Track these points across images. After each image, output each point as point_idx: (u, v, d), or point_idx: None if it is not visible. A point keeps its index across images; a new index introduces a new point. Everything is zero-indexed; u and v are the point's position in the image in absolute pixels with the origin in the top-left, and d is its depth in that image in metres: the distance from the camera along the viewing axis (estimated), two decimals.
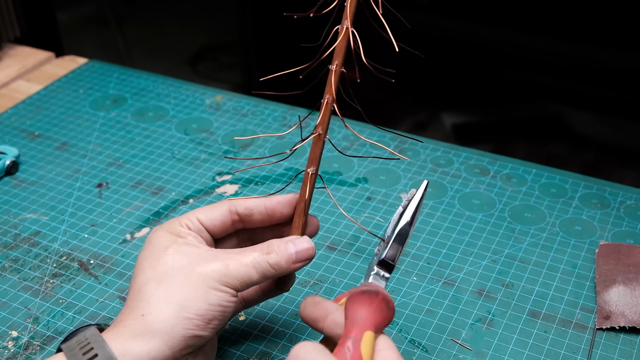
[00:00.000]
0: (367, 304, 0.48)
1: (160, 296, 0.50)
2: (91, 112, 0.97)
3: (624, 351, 0.61)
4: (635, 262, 0.68)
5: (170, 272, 0.51)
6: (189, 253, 0.52)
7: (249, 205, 0.55)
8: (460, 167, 0.84)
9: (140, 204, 0.80)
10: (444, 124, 1.55)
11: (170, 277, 0.50)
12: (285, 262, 0.52)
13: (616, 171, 1.49)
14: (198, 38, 1.97)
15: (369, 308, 0.47)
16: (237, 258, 0.51)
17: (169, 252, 0.52)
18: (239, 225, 0.56)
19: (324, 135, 0.54)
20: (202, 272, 0.50)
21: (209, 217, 0.55)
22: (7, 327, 0.64)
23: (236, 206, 0.56)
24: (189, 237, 0.54)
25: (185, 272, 0.50)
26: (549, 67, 1.47)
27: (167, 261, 0.51)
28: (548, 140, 1.57)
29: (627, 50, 1.34)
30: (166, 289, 0.50)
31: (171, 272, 0.51)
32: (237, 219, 0.56)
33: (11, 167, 0.84)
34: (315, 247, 0.54)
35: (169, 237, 0.53)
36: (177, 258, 0.51)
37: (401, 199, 0.79)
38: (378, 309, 0.48)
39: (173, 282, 0.50)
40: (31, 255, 0.73)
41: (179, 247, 0.52)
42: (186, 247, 0.53)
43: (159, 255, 0.52)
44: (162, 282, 0.50)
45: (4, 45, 1.10)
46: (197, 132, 0.92)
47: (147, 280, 0.51)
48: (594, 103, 1.47)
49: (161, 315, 0.49)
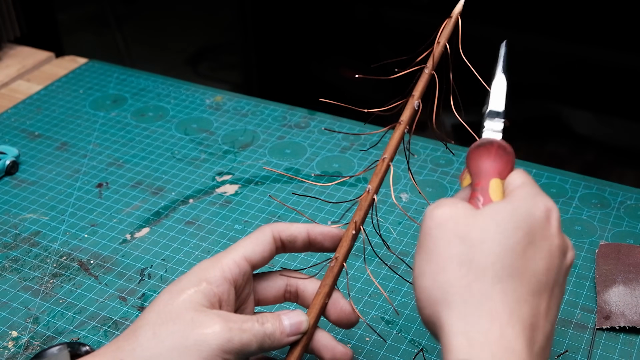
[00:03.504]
0: (485, 154, 0.49)
1: (148, 349, 0.46)
2: (91, 112, 0.97)
3: (624, 351, 0.61)
4: (635, 262, 0.68)
5: (171, 324, 0.47)
6: (200, 304, 0.48)
7: (293, 232, 0.54)
8: (460, 167, 0.84)
9: (140, 204, 0.80)
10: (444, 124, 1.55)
11: (168, 327, 0.47)
12: (280, 333, 0.50)
13: (616, 171, 1.49)
14: (198, 38, 1.97)
15: (487, 158, 0.48)
16: (239, 322, 0.48)
17: (184, 296, 0.49)
18: (280, 252, 0.54)
19: (359, 227, 0.54)
20: (202, 335, 0.46)
21: (256, 251, 0.52)
22: (7, 327, 0.64)
23: (280, 232, 0.53)
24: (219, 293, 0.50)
25: (183, 324, 0.47)
26: (549, 67, 1.47)
27: (175, 308, 0.48)
28: (548, 140, 1.56)
29: (627, 50, 1.34)
30: (158, 345, 0.46)
31: (171, 325, 0.47)
32: (280, 245, 0.54)
33: (11, 167, 0.84)
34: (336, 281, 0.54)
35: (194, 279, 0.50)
36: (188, 305, 0.48)
37: (401, 199, 0.79)
38: (497, 156, 0.48)
39: (167, 338, 0.46)
40: (31, 255, 0.73)
41: (196, 293, 0.49)
42: (203, 296, 0.49)
43: (175, 296, 0.49)
44: (158, 335, 0.47)
45: (4, 45, 1.10)
46: (197, 132, 0.92)
47: (146, 323, 0.48)
48: (594, 103, 1.47)
49: None
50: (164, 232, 0.75)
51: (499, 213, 0.43)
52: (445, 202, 0.45)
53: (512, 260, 0.42)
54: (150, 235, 0.75)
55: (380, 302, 0.66)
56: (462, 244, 0.42)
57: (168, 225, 0.76)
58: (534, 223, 0.43)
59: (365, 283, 0.68)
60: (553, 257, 0.43)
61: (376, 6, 1.54)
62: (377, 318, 0.65)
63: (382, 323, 0.64)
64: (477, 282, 0.41)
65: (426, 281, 0.42)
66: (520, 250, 0.42)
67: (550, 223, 0.44)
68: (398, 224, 0.76)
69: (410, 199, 0.79)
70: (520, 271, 0.42)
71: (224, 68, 1.96)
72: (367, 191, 0.55)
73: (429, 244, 0.43)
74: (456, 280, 0.41)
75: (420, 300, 0.43)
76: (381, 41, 1.38)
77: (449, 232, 0.43)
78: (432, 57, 0.53)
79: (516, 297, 0.41)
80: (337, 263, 0.53)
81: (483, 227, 0.43)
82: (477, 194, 0.47)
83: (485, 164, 0.48)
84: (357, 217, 0.54)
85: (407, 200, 0.79)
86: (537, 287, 0.42)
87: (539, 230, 0.43)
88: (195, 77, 1.88)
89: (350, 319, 0.54)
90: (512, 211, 0.43)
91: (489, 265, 0.41)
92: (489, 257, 0.41)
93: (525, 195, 0.45)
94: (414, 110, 0.54)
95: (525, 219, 0.43)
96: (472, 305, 0.41)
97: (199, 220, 0.77)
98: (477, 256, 0.41)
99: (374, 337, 0.63)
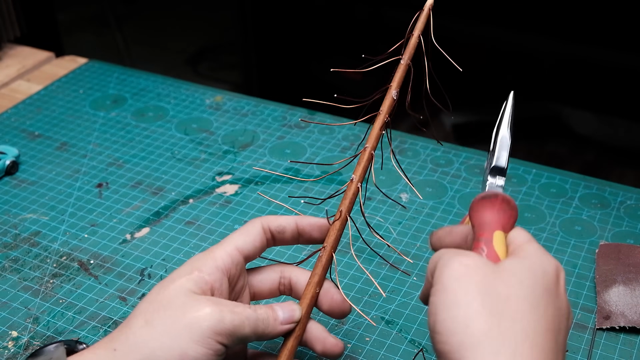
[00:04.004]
0: (489, 207, 0.49)
1: (140, 335, 0.47)
2: (91, 112, 0.97)
3: (624, 351, 0.61)
4: (635, 262, 0.68)
5: (162, 311, 0.48)
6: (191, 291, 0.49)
7: (281, 222, 0.55)
8: (460, 167, 0.84)
9: (140, 204, 0.80)
10: (444, 124, 1.55)
11: (160, 315, 0.48)
12: (273, 320, 0.51)
13: (616, 171, 1.49)
14: (198, 38, 1.97)
15: (492, 210, 0.49)
16: (230, 306, 0.49)
17: (175, 284, 0.50)
18: (270, 244, 0.55)
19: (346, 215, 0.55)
20: (193, 318, 0.47)
21: (247, 242, 0.53)
22: (7, 327, 0.64)
23: (269, 224, 0.55)
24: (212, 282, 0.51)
25: (175, 311, 0.48)
26: (549, 67, 1.47)
27: (166, 295, 0.49)
28: (548, 140, 1.57)
29: (627, 50, 1.34)
30: (150, 331, 0.47)
31: (163, 311, 0.48)
32: (270, 237, 0.55)
33: (11, 167, 0.84)
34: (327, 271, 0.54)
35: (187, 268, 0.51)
36: (180, 293, 0.49)
37: (401, 199, 0.79)
38: (501, 210, 0.49)
39: (159, 324, 0.47)
40: (31, 255, 0.73)
41: (188, 281, 0.50)
42: (194, 284, 0.50)
43: (167, 285, 0.50)
44: (151, 323, 0.48)
45: (4, 45, 1.10)
46: (197, 132, 0.92)
47: (139, 313, 0.49)
48: (594, 103, 1.47)
49: (129, 358, 0.47)
50: (164, 232, 0.75)
51: (518, 270, 0.44)
52: (462, 252, 0.46)
53: (537, 317, 0.43)
54: (150, 235, 0.75)
55: (380, 302, 0.66)
56: (488, 297, 0.43)
57: (168, 225, 0.76)
58: (548, 281, 0.45)
59: (365, 283, 0.68)
60: (562, 316, 0.45)
61: (376, 6, 1.54)
62: (377, 318, 0.65)
63: (382, 323, 0.64)
64: (508, 333, 0.42)
65: (452, 324, 0.43)
66: (542, 310, 0.43)
67: (559, 283, 0.46)
68: (398, 224, 0.76)
69: (410, 199, 0.79)
70: (544, 328, 0.43)
71: (224, 68, 1.96)
72: (351, 180, 0.56)
73: (455, 288, 0.44)
74: (489, 330, 0.42)
75: (443, 342, 0.43)
76: (381, 41, 1.38)
77: (475, 283, 0.44)
78: (407, 48, 0.55)
79: (542, 356, 0.42)
80: (325, 252, 0.54)
81: (507, 283, 0.44)
82: (481, 244, 0.47)
83: (489, 215, 0.49)
84: (342, 207, 0.55)
85: (407, 200, 0.79)
86: (554, 345, 0.43)
87: (552, 288, 0.45)
88: (195, 77, 1.88)
89: (342, 308, 0.54)
90: (529, 267, 0.45)
91: (517, 321, 0.42)
92: (516, 314, 0.42)
93: (536, 253, 0.46)
94: (392, 100, 0.56)
95: (542, 276, 0.45)
96: (505, 355, 0.41)
97: (199, 220, 0.77)
98: (506, 310, 0.43)
99: (374, 337, 0.63)
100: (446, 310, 0.43)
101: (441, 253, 0.46)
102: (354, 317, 0.65)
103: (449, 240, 0.52)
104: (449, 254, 0.46)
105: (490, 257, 0.47)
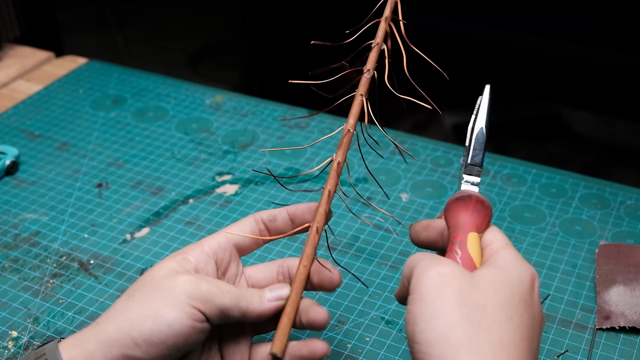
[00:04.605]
0: (463, 208, 0.50)
1: (119, 308, 0.49)
2: (91, 112, 0.97)
3: (624, 351, 0.61)
4: (635, 262, 0.68)
5: (144, 288, 0.50)
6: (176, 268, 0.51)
7: (272, 211, 0.56)
8: (460, 167, 0.84)
9: (140, 204, 0.80)
10: (444, 124, 1.55)
11: (141, 290, 0.50)
12: (259, 297, 0.51)
13: (616, 171, 1.49)
14: (198, 38, 1.97)
15: (466, 211, 0.49)
16: (209, 279, 0.50)
17: (160, 266, 0.51)
18: (265, 234, 0.56)
19: (334, 190, 0.55)
20: (169, 286, 0.49)
21: (236, 229, 0.55)
22: (7, 327, 0.64)
23: (260, 214, 0.56)
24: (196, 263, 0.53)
25: (154, 285, 0.49)
26: (549, 67, 1.48)
27: (149, 275, 0.51)
28: (548, 140, 1.57)
29: (627, 50, 1.34)
30: (129, 303, 0.49)
31: (144, 288, 0.50)
32: (264, 227, 0.56)
33: (11, 167, 0.84)
34: (316, 247, 0.54)
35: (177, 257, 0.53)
36: (162, 271, 0.51)
37: (401, 199, 0.79)
38: (475, 210, 0.49)
39: (139, 298, 0.49)
40: (31, 255, 0.73)
41: (172, 261, 0.52)
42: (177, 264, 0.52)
43: (152, 269, 0.51)
44: (131, 296, 0.49)
45: (4, 45, 1.10)
46: (197, 132, 0.92)
47: (124, 294, 0.50)
48: (594, 103, 1.48)
49: (108, 328, 0.48)
50: (164, 232, 0.75)
51: (495, 279, 0.45)
52: (438, 260, 0.46)
53: (512, 327, 0.44)
54: (150, 235, 0.75)
55: (380, 302, 0.66)
56: (466, 307, 0.44)
57: (168, 225, 0.76)
58: (524, 291, 0.46)
59: (365, 283, 0.68)
60: (535, 324, 0.46)
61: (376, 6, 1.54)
62: (377, 318, 0.65)
63: (382, 323, 0.64)
64: (486, 344, 0.43)
65: (431, 335, 0.43)
66: (518, 319, 0.44)
67: (534, 291, 0.47)
68: (398, 223, 0.76)
69: (410, 199, 0.79)
70: (518, 338, 0.44)
71: (224, 68, 1.96)
72: (331, 159, 0.56)
73: (433, 299, 0.44)
74: (468, 340, 0.43)
75: (423, 352, 0.43)
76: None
77: (453, 293, 0.44)
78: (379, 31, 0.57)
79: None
80: (311, 229, 0.54)
81: (484, 293, 0.45)
82: (456, 247, 0.48)
83: (463, 217, 0.49)
84: (328, 186, 0.55)
85: (407, 200, 0.79)
86: (528, 354, 0.44)
87: (527, 298, 0.46)
88: (195, 77, 1.88)
89: (332, 277, 0.54)
90: (505, 277, 0.46)
91: (494, 331, 0.43)
92: (493, 324, 0.43)
93: (512, 261, 0.47)
94: (367, 80, 0.57)
95: (518, 286, 0.46)
96: None
97: (199, 220, 0.77)
98: (483, 321, 0.43)
99: (374, 337, 0.63)
100: (425, 321, 0.44)
101: (417, 259, 0.47)
102: (354, 317, 0.65)
103: (425, 235, 0.53)
104: (425, 261, 0.46)
105: (464, 260, 0.47)
